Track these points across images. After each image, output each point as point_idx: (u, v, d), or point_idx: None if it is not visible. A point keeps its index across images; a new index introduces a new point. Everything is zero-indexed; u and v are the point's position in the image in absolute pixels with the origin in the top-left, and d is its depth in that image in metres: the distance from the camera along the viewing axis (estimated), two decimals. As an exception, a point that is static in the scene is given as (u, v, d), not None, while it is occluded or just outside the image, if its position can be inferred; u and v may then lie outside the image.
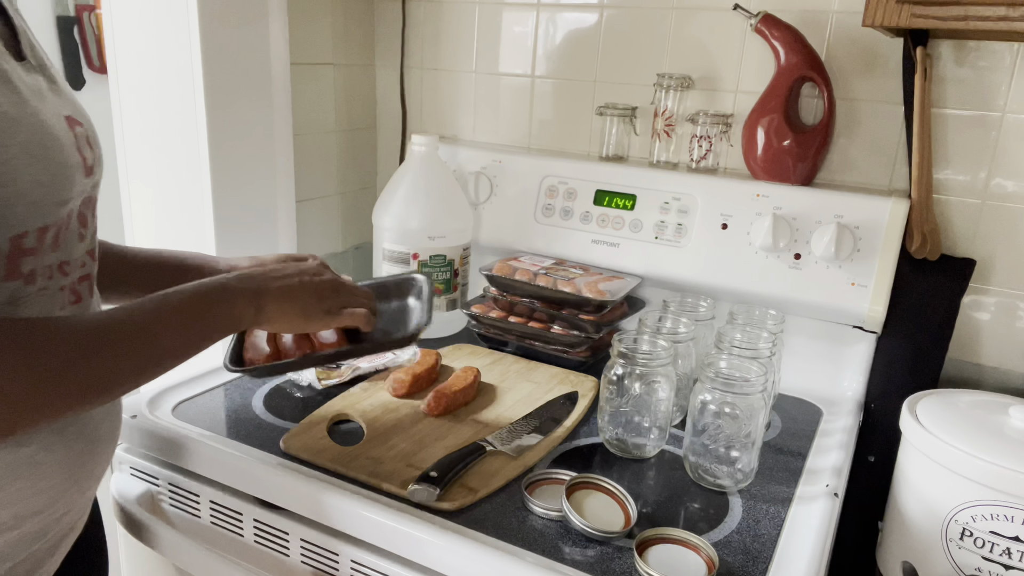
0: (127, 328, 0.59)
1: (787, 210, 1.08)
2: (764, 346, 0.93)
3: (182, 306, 0.63)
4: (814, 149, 1.09)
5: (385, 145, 1.52)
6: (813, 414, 1.04)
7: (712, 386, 0.82)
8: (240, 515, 0.85)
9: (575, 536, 0.73)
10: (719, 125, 1.16)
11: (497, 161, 1.29)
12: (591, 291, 1.09)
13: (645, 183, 1.18)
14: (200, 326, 0.65)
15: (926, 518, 0.83)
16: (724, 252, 1.12)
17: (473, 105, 1.40)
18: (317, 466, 0.82)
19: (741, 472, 0.83)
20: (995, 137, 1.03)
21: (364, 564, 0.77)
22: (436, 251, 1.19)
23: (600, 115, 1.25)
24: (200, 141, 1.09)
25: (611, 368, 0.89)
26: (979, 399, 0.91)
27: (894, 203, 1.03)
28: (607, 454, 0.90)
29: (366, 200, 1.51)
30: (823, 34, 1.09)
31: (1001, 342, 1.08)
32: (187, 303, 0.64)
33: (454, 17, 1.37)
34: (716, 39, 1.17)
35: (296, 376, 1.02)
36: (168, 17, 1.06)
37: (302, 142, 1.31)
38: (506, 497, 0.79)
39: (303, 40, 1.28)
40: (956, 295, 1.06)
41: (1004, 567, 0.78)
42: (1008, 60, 1.00)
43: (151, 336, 0.61)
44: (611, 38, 1.25)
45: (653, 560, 0.70)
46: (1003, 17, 0.79)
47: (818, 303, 1.07)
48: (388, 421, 0.92)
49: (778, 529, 0.77)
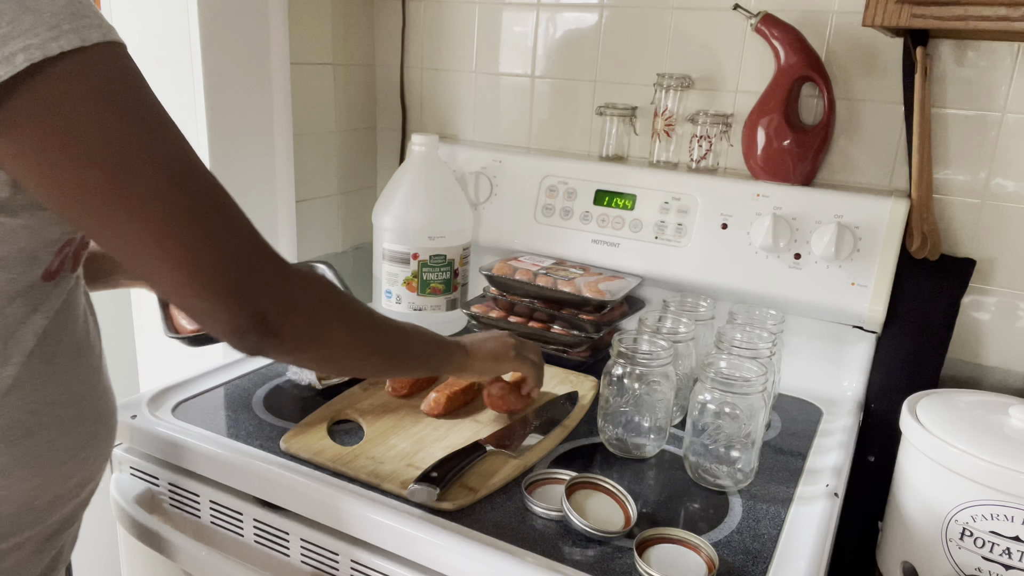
0: (397, 328, 0.73)
1: (787, 210, 1.08)
2: (764, 346, 0.93)
3: (428, 335, 0.79)
4: (814, 149, 1.09)
5: (385, 145, 1.51)
6: (813, 414, 1.04)
7: (712, 386, 0.82)
8: (240, 515, 0.85)
9: (575, 536, 0.73)
10: (719, 125, 1.16)
11: (497, 161, 1.29)
12: (591, 291, 1.09)
13: (645, 183, 1.18)
14: (434, 362, 0.81)
15: (926, 518, 0.83)
16: (724, 252, 1.11)
17: (473, 105, 1.40)
18: (317, 466, 0.82)
19: (741, 472, 0.83)
20: (995, 137, 1.03)
21: (364, 564, 0.77)
22: (436, 251, 1.19)
23: (600, 115, 1.25)
24: (200, 141, 1.09)
25: (611, 368, 0.89)
26: (979, 399, 0.91)
27: (894, 203, 1.03)
28: (607, 454, 0.90)
29: (366, 200, 1.51)
30: (823, 34, 1.09)
31: (1001, 342, 1.08)
32: (432, 336, 0.80)
33: (454, 17, 1.37)
34: (716, 39, 1.17)
35: (296, 376, 1.02)
36: (168, 17, 1.06)
37: (302, 142, 1.31)
38: (506, 497, 0.79)
39: (303, 40, 1.28)
40: (956, 295, 1.06)
41: (1004, 567, 0.78)
42: (1008, 60, 1.00)
43: (410, 344, 0.76)
44: (611, 38, 1.25)
45: (653, 560, 0.69)
46: (1003, 17, 0.79)
47: (818, 303, 1.07)
48: (388, 421, 0.92)
49: (778, 529, 0.77)
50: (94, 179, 0.51)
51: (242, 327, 0.56)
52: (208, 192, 0.55)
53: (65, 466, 0.64)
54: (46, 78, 0.48)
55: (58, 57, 0.48)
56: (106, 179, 0.51)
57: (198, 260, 0.53)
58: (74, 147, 0.50)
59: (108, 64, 0.52)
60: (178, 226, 0.52)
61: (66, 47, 0.48)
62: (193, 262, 0.53)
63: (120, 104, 0.52)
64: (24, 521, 0.63)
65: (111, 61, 0.52)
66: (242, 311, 0.55)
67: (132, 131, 0.52)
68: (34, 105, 0.49)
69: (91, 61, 0.50)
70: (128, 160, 0.51)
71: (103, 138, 0.50)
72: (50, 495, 0.64)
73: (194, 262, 0.53)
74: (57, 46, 0.48)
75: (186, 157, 0.55)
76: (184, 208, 0.53)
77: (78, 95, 0.50)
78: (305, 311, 0.60)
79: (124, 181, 0.51)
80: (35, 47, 0.48)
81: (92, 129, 0.50)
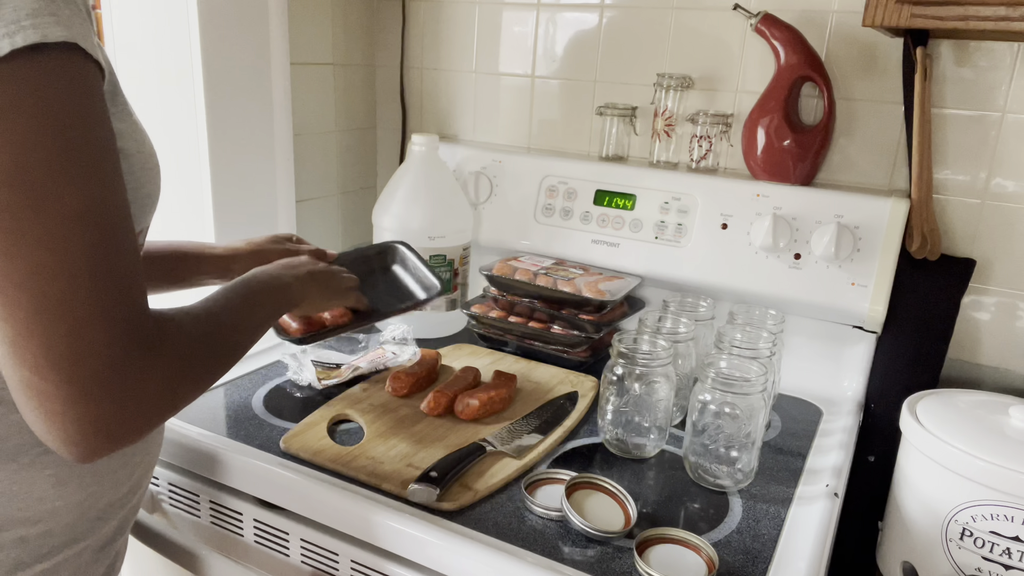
0: (224, 316, 0.64)
1: (787, 210, 1.08)
2: (764, 346, 0.93)
3: (258, 293, 0.71)
4: (814, 149, 1.09)
5: (385, 145, 1.52)
6: (813, 414, 1.04)
7: (712, 386, 0.82)
8: (240, 515, 0.85)
9: (575, 536, 0.73)
10: (719, 125, 1.16)
11: (497, 161, 1.29)
12: (591, 291, 1.09)
13: (645, 183, 1.18)
14: (269, 309, 0.72)
15: (926, 518, 0.83)
16: (724, 252, 1.11)
17: (473, 105, 1.40)
18: (317, 466, 0.82)
19: (741, 472, 0.83)
20: (995, 137, 1.03)
21: (364, 564, 0.77)
22: (436, 251, 1.18)
23: (600, 115, 1.25)
24: (200, 141, 1.09)
25: (611, 368, 0.89)
26: (979, 399, 0.91)
27: (894, 203, 1.03)
28: (607, 454, 0.90)
29: (366, 200, 1.51)
30: (823, 34, 1.09)
31: (1001, 342, 1.08)
32: (260, 290, 0.71)
33: (454, 17, 1.37)
34: (716, 39, 1.17)
35: (296, 376, 1.02)
36: (168, 17, 1.06)
37: (302, 142, 1.31)
38: (506, 497, 0.79)
39: (303, 40, 1.28)
40: (956, 295, 1.06)
41: (1004, 567, 0.78)
42: (1008, 60, 1.00)
43: (242, 321, 0.66)
44: (611, 38, 1.25)
45: (653, 560, 0.69)
46: (1003, 17, 0.79)
47: (818, 303, 1.07)
48: (388, 421, 0.92)
49: (778, 529, 0.77)
50: None
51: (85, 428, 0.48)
52: (111, 265, 0.49)
53: (116, 473, 0.64)
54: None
55: (9, 56, 0.44)
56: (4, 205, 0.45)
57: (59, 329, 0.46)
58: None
59: (63, 73, 0.47)
60: (52, 285, 0.46)
61: (19, 44, 0.44)
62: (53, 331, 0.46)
63: (57, 127, 0.46)
64: (79, 530, 0.63)
65: (69, 70, 0.47)
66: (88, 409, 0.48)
67: (53, 162, 0.46)
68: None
69: (47, 65, 0.46)
70: (34, 198, 0.45)
71: (18, 161, 0.45)
72: (103, 503, 0.64)
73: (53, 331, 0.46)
74: (9, 43, 0.44)
75: (105, 212, 0.49)
76: (74, 269, 0.47)
77: (14, 102, 0.45)
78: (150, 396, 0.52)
79: (20, 216, 0.45)
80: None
81: (9, 148, 0.45)
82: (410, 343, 1.13)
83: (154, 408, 0.52)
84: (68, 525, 0.61)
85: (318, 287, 0.82)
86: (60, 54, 0.46)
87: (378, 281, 0.98)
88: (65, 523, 0.61)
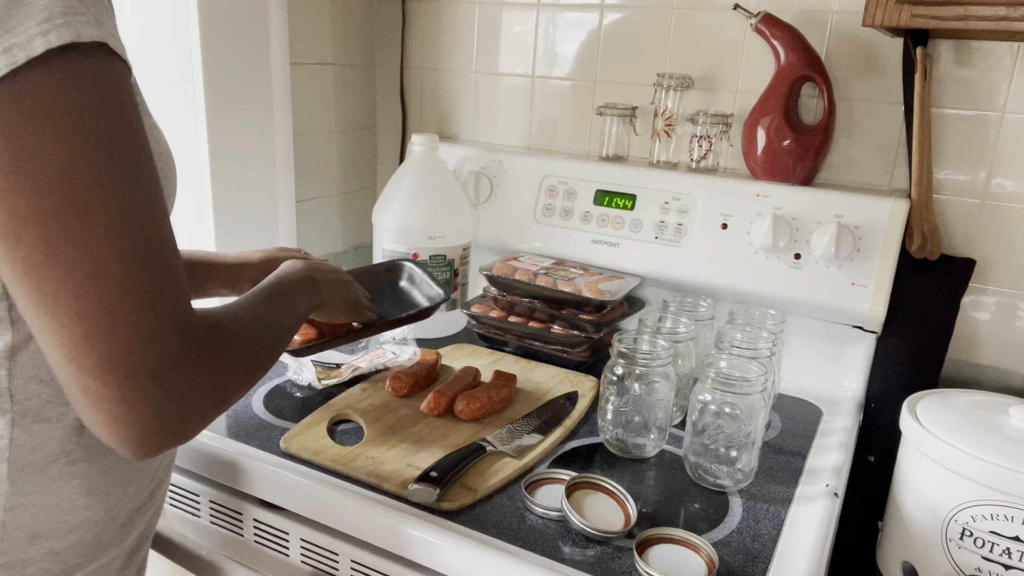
0: (264, 313, 0.64)
1: (787, 210, 1.08)
2: (764, 346, 0.93)
3: (293, 292, 0.71)
4: (814, 149, 1.09)
5: (385, 145, 1.52)
6: (813, 414, 1.04)
7: (712, 386, 0.82)
8: (240, 515, 0.85)
9: (575, 536, 0.73)
10: (719, 125, 1.16)
11: (497, 161, 1.29)
12: (591, 291, 1.09)
13: (645, 183, 1.18)
14: (304, 307, 0.73)
15: (926, 518, 0.83)
16: (724, 252, 1.11)
17: (473, 105, 1.40)
18: (317, 466, 0.82)
19: (741, 472, 0.83)
20: (995, 137, 1.03)
21: (364, 564, 0.77)
22: (436, 251, 1.18)
23: (600, 115, 1.25)
24: (200, 141, 1.09)
25: (611, 368, 0.89)
26: (979, 399, 0.91)
27: (894, 203, 1.03)
28: (607, 454, 0.90)
29: (366, 200, 1.51)
30: (823, 34, 1.09)
31: (1001, 342, 1.08)
32: (295, 289, 0.72)
33: (454, 17, 1.37)
34: (716, 39, 1.17)
35: (296, 376, 1.02)
36: (168, 17, 1.06)
37: (302, 142, 1.31)
38: (506, 497, 0.79)
39: (303, 40, 1.28)
40: (956, 295, 1.06)
41: (1004, 567, 0.78)
42: (1008, 60, 1.00)
43: (281, 317, 0.67)
44: (611, 38, 1.25)
45: (653, 560, 0.70)
46: (1003, 17, 0.79)
47: (818, 303, 1.07)
48: (388, 421, 0.92)
49: (778, 529, 0.77)
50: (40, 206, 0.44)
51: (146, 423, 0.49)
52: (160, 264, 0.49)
53: (140, 477, 0.64)
54: (24, 82, 0.43)
55: (43, 57, 0.43)
56: (50, 212, 0.44)
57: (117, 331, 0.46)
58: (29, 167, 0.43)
59: (97, 73, 0.46)
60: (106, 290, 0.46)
61: (54, 43, 0.43)
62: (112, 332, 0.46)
63: (96, 129, 0.46)
64: (108, 539, 0.63)
65: (104, 71, 0.47)
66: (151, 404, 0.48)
67: (97, 165, 0.45)
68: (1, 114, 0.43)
69: (84, 64, 0.45)
70: (84, 200, 0.45)
71: (66, 164, 0.44)
72: (130, 508, 0.64)
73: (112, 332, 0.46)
74: (44, 42, 0.43)
75: (147, 213, 0.49)
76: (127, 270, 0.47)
77: (57, 103, 0.44)
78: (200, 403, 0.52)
79: (70, 222, 0.45)
80: (19, 47, 0.43)
81: (59, 150, 0.44)
82: (410, 343, 1.13)
83: (208, 403, 0.52)
84: (97, 535, 0.61)
85: (340, 295, 0.83)
86: (94, 53, 0.46)
87: (385, 296, 0.98)
88: (94, 533, 0.61)
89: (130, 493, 0.63)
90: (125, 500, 0.63)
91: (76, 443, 0.57)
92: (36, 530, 0.57)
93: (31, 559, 0.57)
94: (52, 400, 0.56)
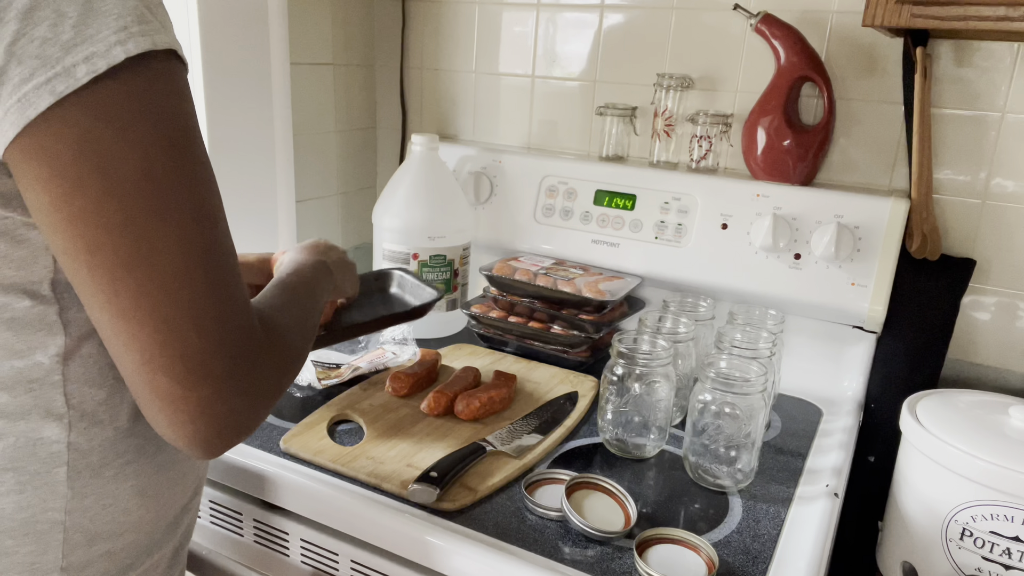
0: (298, 303, 0.65)
1: (787, 210, 1.08)
2: (764, 346, 0.93)
3: (314, 279, 0.72)
4: (814, 149, 1.09)
5: (385, 145, 1.52)
6: (813, 414, 1.04)
7: (712, 386, 0.82)
8: (240, 515, 0.85)
9: (575, 536, 0.73)
10: (719, 125, 1.16)
11: (497, 161, 1.29)
12: (591, 291, 1.09)
13: (645, 183, 1.18)
14: (325, 293, 0.74)
15: (926, 518, 0.83)
16: (724, 252, 1.11)
17: (473, 105, 1.40)
18: (317, 466, 0.82)
19: (741, 472, 0.83)
20: (995, 137, 1.03)
21: (364, 564, 0.77)
22: (436, 251, 1.19)
23: (600, 115, 1.25)
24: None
25: (611, 368, 0.89)
26: (979, 399, 0.91)
27: (894, 203, 1.03)
28: (607, 454, 0.90)
29: (366, 200, 1.51)
30: (823, 34, 1.09)
31: (1001, 342, 1.08)
32: (315, 276, 0.73)
33: (454, 17, 1.37)
34: (716, 39, 1.17)
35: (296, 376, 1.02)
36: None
37: (302, 142, 1.31)
38: (506, 497, 0.79)
39: (303, 40, 1.28)
40: (956, 295, 1.06)
41: (1004, 567, 0.78)
42: (1008, 60, 1.00)
43: (312, 305, 0.68)
44: (611, 38, 1.25)
45: (653, 560, 0.70)
46: (1003, 17, 0.79)
47: (818, 303, 1.07)
48: (388, 421, 0.92)
49: (778, 529, 0.77)
50: (120, 212, 0.45)
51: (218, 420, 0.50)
52: (225, 264, 0.50)
53: (186, 477, 0.65)
54: (104, 90, 0.44)
55: (122, 64, 0.44)
56: (130, 217, 0.46)
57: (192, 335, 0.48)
58: (111, 173, 0.45)
59: (171, 80, 0.48)
60: (182, 291, 0.47)
61: (132, 51, 0.44)
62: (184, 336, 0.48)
63: (172, 134, 0.47)
64: (156, 538, 0.63)
65: (175, 77, 0.48)
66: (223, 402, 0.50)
67: (174, 169, 0.47)
68: (84, 122, 0.44)
69: (158, 71, 0.47)
70: (160, 205, 0.46)
71: (145, 169, 0.46)
72: (177, 507, 0.65)
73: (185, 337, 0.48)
74: (123, 51, 0.44)
75: (215, 215, 0.50)
76: (199, 271, 0.48)
77: (136, 110, 0.45)
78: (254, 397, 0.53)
79: (148, 227, 0.46)
80: (99, 55, 0.44)
81: (137, 155, 0.45)
82: (410, 343, 1.13)
83: (270, 397, 0.54)
84: (149, 534, 0.62)
85: (350, 278, 0.85)
86: (167, 60, 0.47)
87: (376, 302, 0.99)
88: (146, 532, 0.62)
89: (177, 493, 0.64)
90: (173, 500, 0.64)
91: (128, 444, 0.58)
92: (94, 532, 0.57)
93: (90, 560, 0.58)
94: (105, 402, 0.56)
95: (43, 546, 0.55)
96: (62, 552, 0.56)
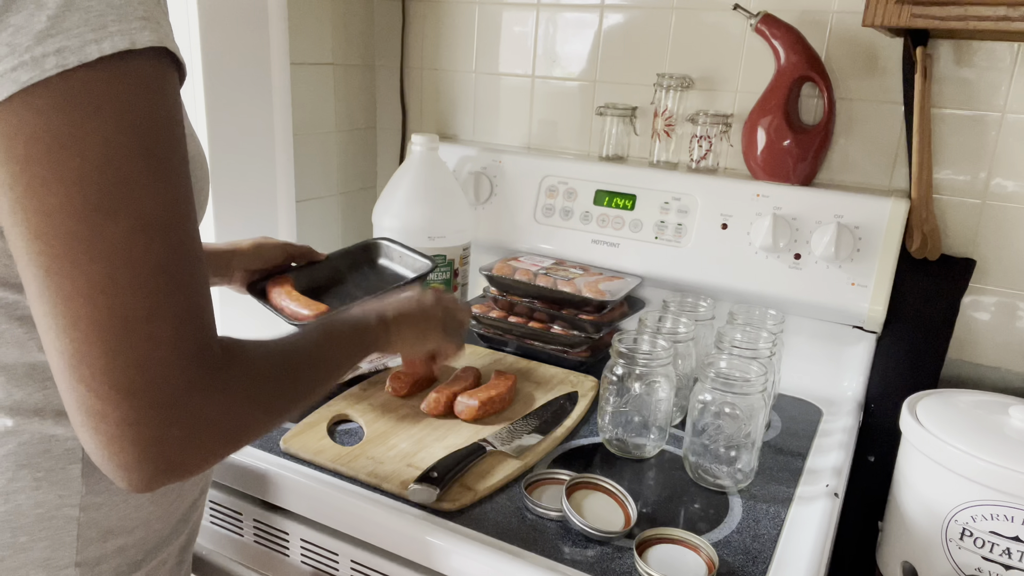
0: (297, 352, 0.60)
1: (787, 210, 1.08)
2: (764, 346, 0.93)
3: (337, 333, 0.67)
4: (814, 149, 1.09)
5: (385, 145, 1.52)
6: (813, 414, 1.04)
7: (712, 386, 0.82)
8: (240, 515, 0.85)
9: (575, 536, 0.73)
10: (719, 125, 1.16)
11: (497, 161, 1.29)
12: (591, 291, 1.09)
13: (645, 183, 1.18)
14: (349, 350, 0.69)
15: (926, 518, 0.83)
16: (724, 252, 1.11)
17: (473, 105, 1.40)
18: (317, 466, 0.82)
19: (741, 472, 0.83)
20: (995, 137, 1.03)
21: (364, 564, 0.77)
22: (436, 251, 1.18)
23: (600, 115, 1.25)
24: (200, 141, 1.09)
25: (611, 368, 0.89)
26: (979, 399, 0.91)
27: (894, 203, 1.03)
28: (607, 454, 0.90)
29: (366, 200, 1.51)
30: (823, 34, 1.09)
31: (1001, 342, 1.08)
32: (339, 330, 0.68)
33: (454, 17, 1.37)
34: (716, 39, 1.17)
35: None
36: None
37: (302, 142, 1.31)
38: (506, 497, 0.79)
39: (303, 40, 1.28)
40: (956, 295, 1.06)
41: (1004, 567, 0.78)
42: (1008, 60, 1.00)
43: (317, 359, 0.62)
44: (611, 38, 1.25)
45: (653, 560, 0.70)
46: (1003, 17, 0.79)
47: (818, 303, 1.07)
48: (388, 421, 0.92)
49: (778, 529, 0.77)
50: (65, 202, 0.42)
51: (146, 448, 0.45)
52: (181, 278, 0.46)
53: None
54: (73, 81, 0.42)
55: (96, 62, 0.42)
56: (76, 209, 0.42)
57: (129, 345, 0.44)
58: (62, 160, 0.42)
59: (149, 79, 0.45)
60: (116, 298, 0.43)
61: (107, 51, 0.42)
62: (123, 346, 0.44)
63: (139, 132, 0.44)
64: (165, 536, 0.63)
65: (156, 77, 0.45)
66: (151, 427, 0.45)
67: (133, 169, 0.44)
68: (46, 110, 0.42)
69: (134, 67, 0.44)
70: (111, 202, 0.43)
71: (99, 162, 0.43)
72: (186, 505, 0.65)
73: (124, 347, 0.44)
74: (97, 49, 0.42)
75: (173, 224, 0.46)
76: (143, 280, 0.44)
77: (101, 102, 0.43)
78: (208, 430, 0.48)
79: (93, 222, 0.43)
80: (71, 50, 0.42)
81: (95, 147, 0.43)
82: (410, 343, 1.12)
83: (216, 438, 0.48)
84: (159, 531, 0.62)
85: (413, 337, 0.79)
86: (147, 59, 0.45)
87: (368, 275, 0.99)
88: (156, 529, 0.62)
89: (186, 489, 0.64)
90: (182, 497, 0.64)
91: None
92: (108, 528, 0.58)
93: (103, 556, 0.58)
94: None
95: (58, 542, 0.55)
96: (76, 548, 0.56)
